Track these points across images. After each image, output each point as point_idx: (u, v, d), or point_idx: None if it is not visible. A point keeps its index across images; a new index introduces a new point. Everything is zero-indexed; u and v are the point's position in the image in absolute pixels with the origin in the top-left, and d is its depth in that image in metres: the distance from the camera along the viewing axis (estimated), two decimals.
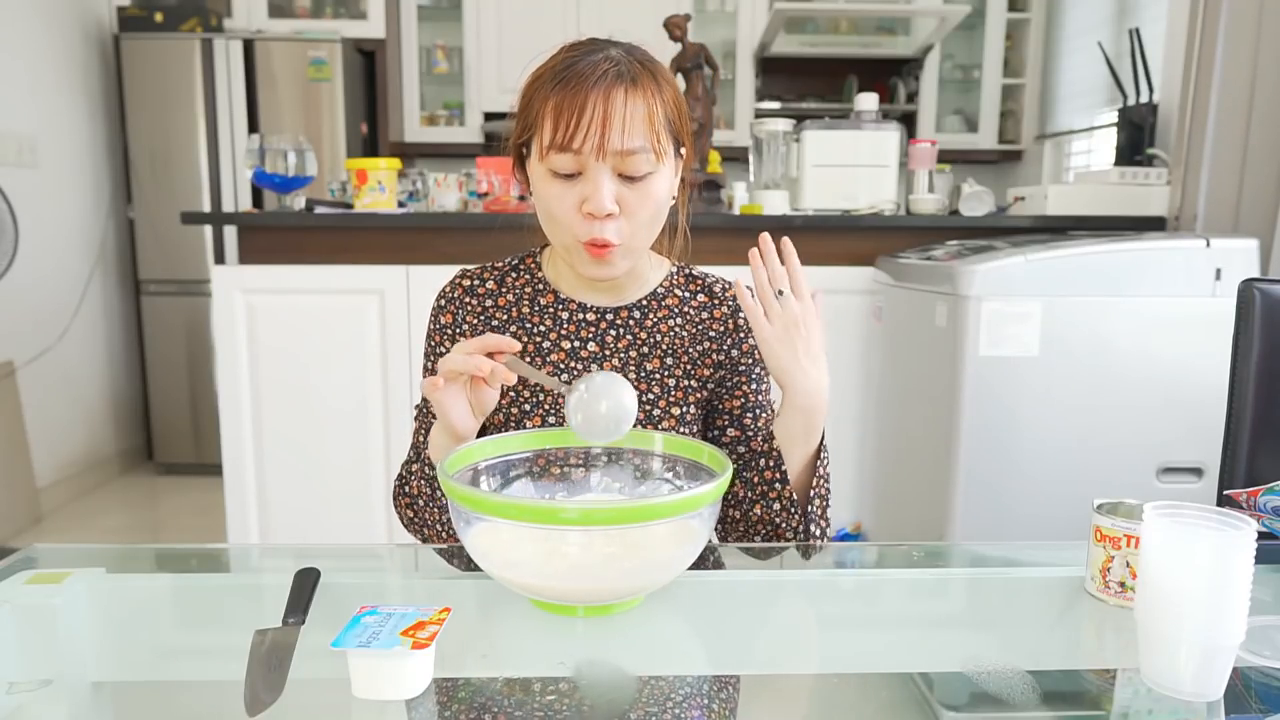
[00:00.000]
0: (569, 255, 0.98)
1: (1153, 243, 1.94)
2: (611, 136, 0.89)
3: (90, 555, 0.92)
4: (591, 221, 0.92)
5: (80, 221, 3.59)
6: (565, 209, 0.93)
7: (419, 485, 1.00)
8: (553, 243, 1.00)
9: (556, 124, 0.90)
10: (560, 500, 0.90)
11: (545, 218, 0.97)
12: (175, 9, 3.66)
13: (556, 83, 0.91)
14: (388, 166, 2.40)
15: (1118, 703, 0.67)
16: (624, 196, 0.92)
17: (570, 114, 0.89)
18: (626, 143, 0.90)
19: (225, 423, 2.38)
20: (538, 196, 0.96)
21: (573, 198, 0.92)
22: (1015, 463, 1.94)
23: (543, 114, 0.91)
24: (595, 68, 0.90)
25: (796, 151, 2.56)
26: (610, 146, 0.89)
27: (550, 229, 0.97)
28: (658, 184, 0.94)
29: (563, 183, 0.92)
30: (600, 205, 0.90)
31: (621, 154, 0.90)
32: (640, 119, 0.90)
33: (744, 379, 1.07)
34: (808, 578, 0.95)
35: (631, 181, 0.92)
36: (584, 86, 0.89)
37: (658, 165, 0.93)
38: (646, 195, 0.93)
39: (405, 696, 0.63)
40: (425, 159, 4.46)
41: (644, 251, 1.01)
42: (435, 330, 1.07)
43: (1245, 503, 0.98)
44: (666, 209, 0.99)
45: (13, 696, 0.64)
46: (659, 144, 0.92)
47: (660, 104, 0.93)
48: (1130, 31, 2.56)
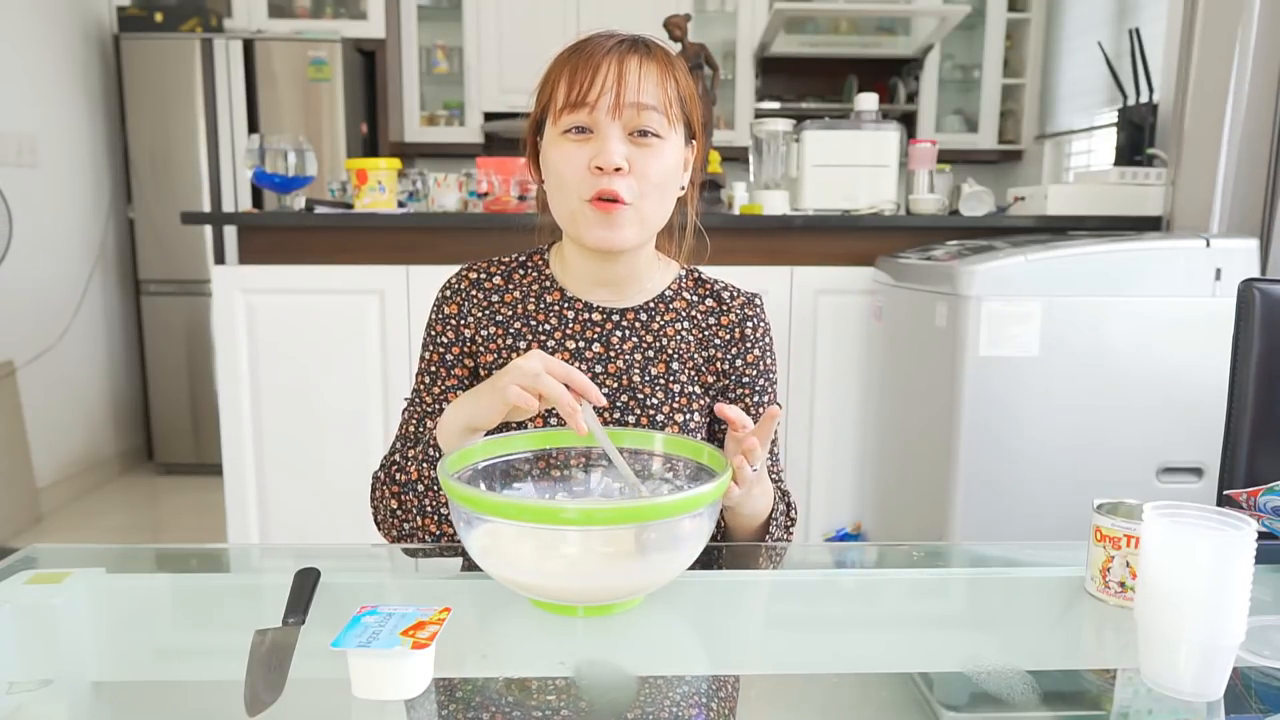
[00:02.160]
0: (576, 224, 0.96)
1: (1152, 243, 1.94)
2: (625, 93, 0.92)
3: (90, 555, 0.91)
4: (600, 175, 0.92)
5: (80, 221, 3.59)
6: (575, 168, 0.93)
7: (419, 470, 0.95)
8: (560, 215, 0.98)
9: (571, 84, 0.93)
10: (560, 500, 0.90)
11: (555, 183, 0.97)
12: (175, 9, 3.66)
13: (571, 52, 0.95)
14: (388, 166, 2.40)
15: (1118, 703, 0.67)
16: (634, 156, 0.93)
17: (585, 73, 0.92)
18: (640, 97, 0.92)
19: (225, 423, 2.38)
20: (549, 166, 0.97)
21: (583, 156, 0.93)
22: (1015, 463, 1.94)
23: (557, 81, 0.95)
24: (610, 38, 0.95)
25: (796, 151, 2.56)
26: (625, 99, 0.92)
27: (559, 197, 0.97)
28: (667, 151, 0.95)
29: (575, 143, 0.94)
30: (610, 158, 0.91)
31: (636, 107, 0.92)
32: (653, 81, 0.94)
33: (747, 391, 1.05)
34: (808, 578, 0.95)
35: (643, 139, 0.93)
36: (598, 51, 0.93)
37: (668, 131, 0.95)
38: (656, 156, 0.94)
39: (405, 696, 0.63)
40: (425, 159, 4.46)
41: (654, 228, 0.99)
42: (437, 320, 1.05)
43: (1245, 503, 0.98)
44: (675, 184, 0.99)
45: (13, 696, 0.64)
46: (671, 110, 0.94)
47: (674, 78, 0.96)
48: (1130, 31, 2.56)
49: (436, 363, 1.04)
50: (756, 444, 0.82)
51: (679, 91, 0.96)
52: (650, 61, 0.94)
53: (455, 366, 1.03)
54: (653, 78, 0.94)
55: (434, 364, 1.04)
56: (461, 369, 1.04)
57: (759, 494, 0.93)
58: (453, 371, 1.03)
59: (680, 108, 0.97)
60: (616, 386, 1.01)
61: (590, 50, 0.94)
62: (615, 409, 1.01)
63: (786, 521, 1.04)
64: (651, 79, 0.93)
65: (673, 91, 0.95)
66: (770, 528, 0.99)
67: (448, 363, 1.03)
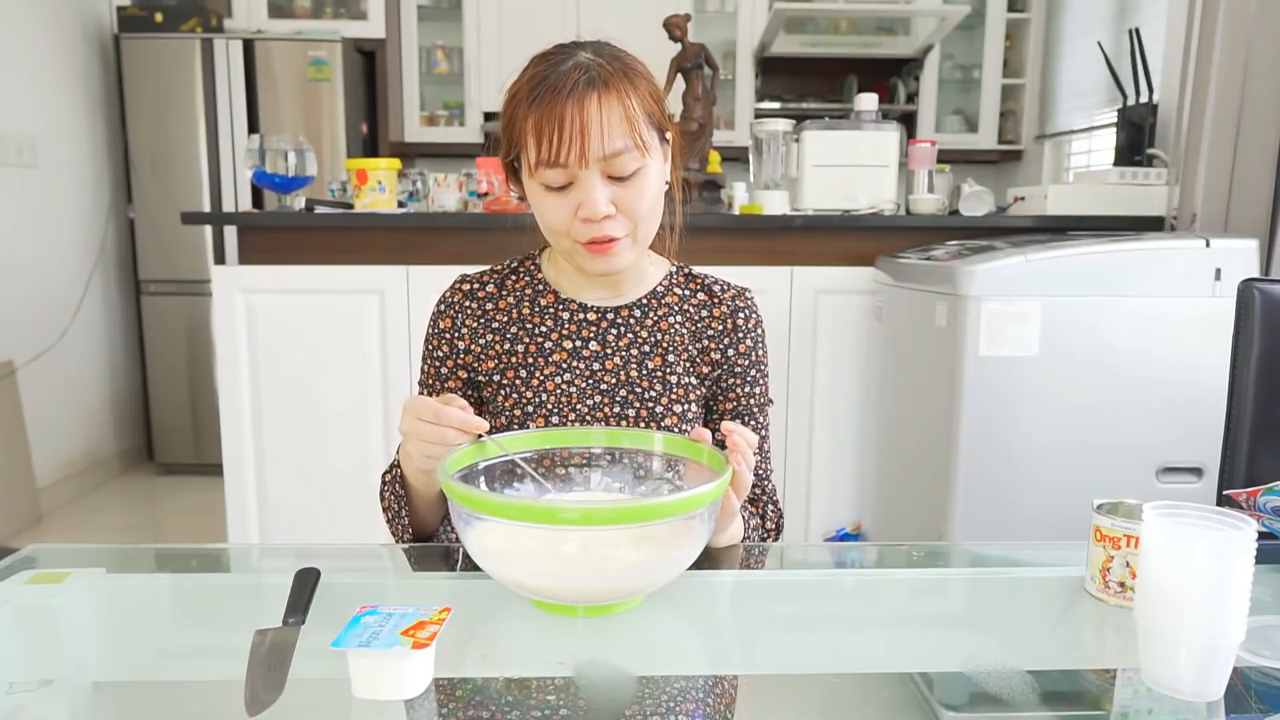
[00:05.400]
0: (573, 259, 0.99)
1: (1152, 243, 1.94)
2: (592, 145, 0.90)
3: (90, 555, 0.91)
4: (589, 225, 0.94)
5: (80, 221, 3.59)
6: (562, 218, 0.95)
7: (389, 499, 1.00)
8: (555, 247, 1.01)
9: (539, 142, 0.91)
10: (560, 500, 0.90)
11: (545, 228, 0.99)
12: (175, 9, 3.66)
13: (532, 101, 0.92)
14: (388, 166, 2.40)
15: (1118, 703, 0.67)
16: (618, 196, 0.94)
17: (550, 129, 0.90)
18: (609, 146, 0.91)
19: (225, 423, 2.38)
20: (535, 209, 0.98)
21: (568, 206, 0.94)
22: (1015, 463, 1.93)
23: (524, 133, 0.93)
24: (566, 79, 0.91)
25: (796, 151, 2.56)
26: (593, 154, 0.91)
27: (551, 238, 0.99)
28: (648, 178, 0.95)
29: (556, 194, 0.94)
30: (595, 210, 0.92)
31: (606, 159, 0.91)
32: (618, 120, 0.92)
33: (739, 381, 1.07)
34: (808, 578, 0.95)
35: (622, 181, 0.94)
36: (558, 100, 0.90)
37: (644, 160, 0.94)
38: (639, 191, 0.94)
39: (405, 696, 0.63)
40: (425, 159, 4.46)
41: (648, 242, 1.01)
42: (434, 335, 1.08)
43: (1245, 503, 0.98)
44: (663, 197, 1.00)
45: (13, 696, 0.64)
46: (642, 140, 0.93)
47: (636, 100, 0.93)
48: (1130, 31, 2.56)
49: (433, 376, 1.08)
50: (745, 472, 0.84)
51: (644, 109, 0.94)
52: (609, 96, 0.91)
53: (450, 379, 1.07)
54: (616, 115, 0.91)
55: (431, 377, 1.08)
56: (456, 381, 1.07)
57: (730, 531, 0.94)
58: (448, 384, 1.07)
59: (649, 123, 0.95)
60: (615, 382, 1.03)
61: (550, 99, 0.90)
62: (615, 404, 1.03)
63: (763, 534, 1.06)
64: (615, 117, 0.91)
65: (639, 116, 0.93)
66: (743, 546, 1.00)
67: (443, 376, 1.07)
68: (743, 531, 0.99)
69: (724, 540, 0.94)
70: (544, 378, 1.02)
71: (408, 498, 0.98)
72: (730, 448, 0.83)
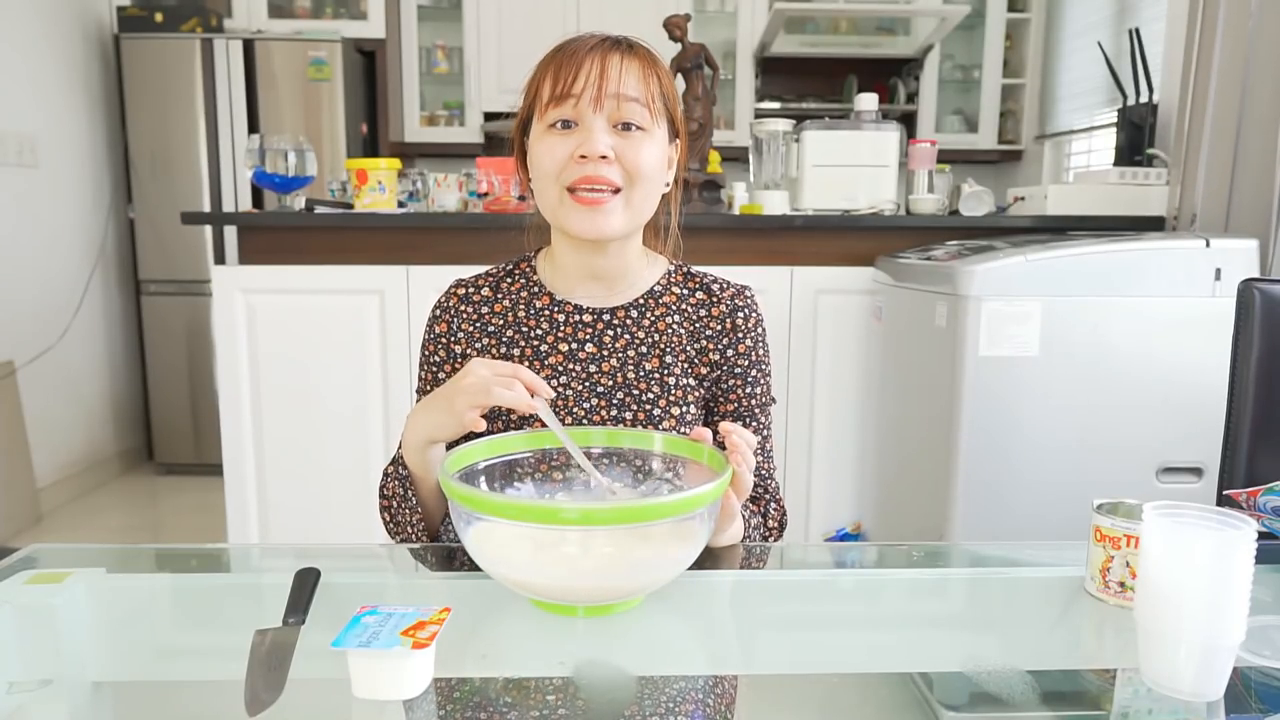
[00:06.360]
0: (559, 215, 0.97)
1: (1152, 243, 1.94)
2: (608, 85, 0.94)
3: (90, 555, 0.91)
4: (585, 163, 0.94)
5: (80, 221, 3.59)
6: (559, 159, 0.95)
7: (394, 487, 0.99)
8: (545, 207, 1.00)
9: (555, 80, 0.95)
10: (560, 500, 0.90)
11: (539, 175, 0.98)
12: (175, 9, 3.66)
13: (555, 51, 0.97)
14: (388, 166, 2.40)
15: (1118, 703, 0.67)
16: (619, 146, 0.95)
17: (569, 69, 0.94)
18: (623, 89, 0.94)
19: (225, 423, 2.38)
20: (534, 159, 0.98)
21: (568, 147, 0.95)
22: (1015, 463, 1.94)
23: (542, 79, 0.96)
24: (590, 39, 0.97)
25: (796, 151, 2.56)
26: (607, 91, 0.93)
27: (543, 188, 0.98)
28: (652, 143, 0.97)
29: (560, 136, 0.95)
30: (594, 147, 0.93)
31: (618, 98, 0.94)
32: (635, 75, 0.96)
33: (739, 382, 1.06)
34: (808, 578, 0.95)
35: (627, 132, 0.95)
36: (582, 49, 0.95)
37: (652, 124, 0.96)
38: (641, 146, 0.96)
39: (405, 696, 0.63)
40: (425, 159, 4.46)
41: (640, 219, 1.00)
42: (430, 340, 1.08)
43: (1245, 503, 0.98)
44: (660, 178, 1.00)
45: (13, 696, 0.64)
46: (653, 104, 0.96)
47: (656, 75, 0.97)
48: (1130, 31, 2.56)
49: (430, 381, 1.08)
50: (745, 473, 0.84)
51: (661, 88, 0.98)
52: (632, 58, 0.96)
53: None
54: (635, 73, 0.96)
55: (428, 383, 1.08)
56: None
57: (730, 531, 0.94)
58: None
59: (663, 103, 0.98)
60: (612, 384, 1.02)
61: (574, 48, 0.96)
62: (612, 406, 1.02)
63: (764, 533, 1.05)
64: (634, 74, 0.95)
65: (655, 87, 0.97)
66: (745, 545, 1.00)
67: (441, 381, 1.06)
68: (743, 531, 0.98)
69: (724, 540, 0.94)
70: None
71: (413, 486, 0.97)
72: (729, 448, 0.82)
